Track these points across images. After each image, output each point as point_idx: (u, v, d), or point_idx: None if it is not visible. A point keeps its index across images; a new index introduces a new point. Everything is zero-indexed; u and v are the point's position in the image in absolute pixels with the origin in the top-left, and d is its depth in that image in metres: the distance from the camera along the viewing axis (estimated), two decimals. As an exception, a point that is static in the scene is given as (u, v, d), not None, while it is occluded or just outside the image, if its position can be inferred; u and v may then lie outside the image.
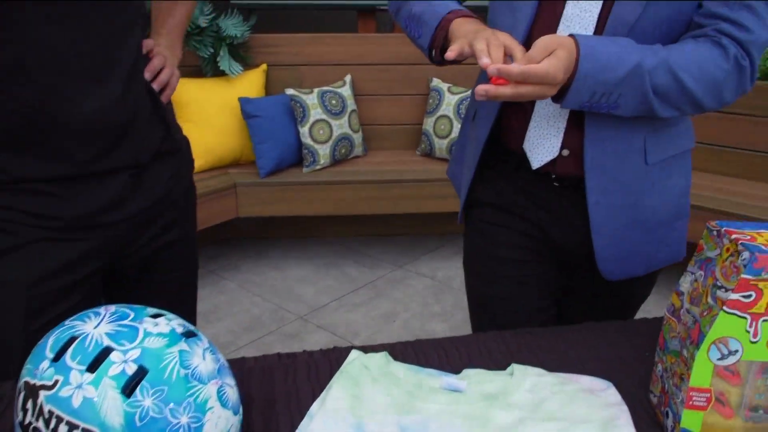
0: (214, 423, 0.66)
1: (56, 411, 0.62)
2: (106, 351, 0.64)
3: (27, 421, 0.63)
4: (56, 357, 0.64)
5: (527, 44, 0.96)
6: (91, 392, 0.62)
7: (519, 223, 1.16)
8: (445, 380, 0.86)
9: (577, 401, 0.83)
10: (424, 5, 1.08)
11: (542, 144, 1.06)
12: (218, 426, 0.67)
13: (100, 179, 1.01)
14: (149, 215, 1.10)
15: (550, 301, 1.22)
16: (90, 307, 1.09)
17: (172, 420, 0.63)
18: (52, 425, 0.62)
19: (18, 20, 0.87)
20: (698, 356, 0.72)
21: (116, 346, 0.65)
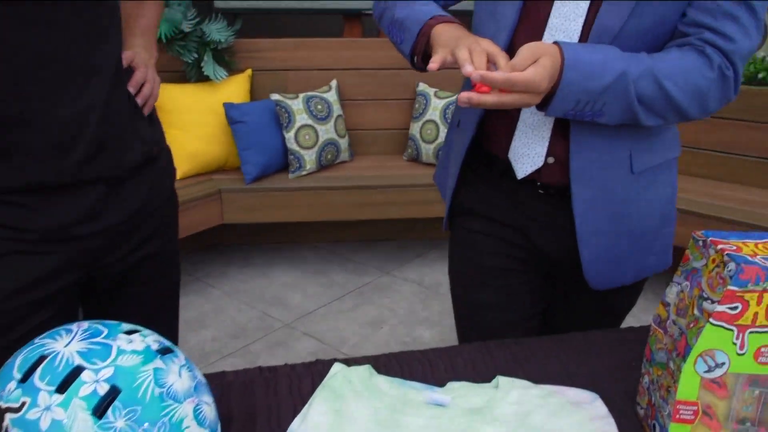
0: (190, 443, 0.64)
1: (23, 435, 0.60)
2: (77, 370, 0.62)
3: (-7, 446, 0.61)
4: (24, 377, 0.62)
5: (510, 52, 0.94)
6: (60, 414, 0.60)
7: (504, 231, 1.14)
8: (429, 394, 0.85)
9: (563, 414, 0.81)
10: (407, 10, 1.06)
11: (527, 153, 1.05)
12: (194, 446, 0.65)
13: (76, 190, 0.98)
14: (127, 227, 1.07)
15: (537, 310, 1.21)
16: (65, 322, 1.07)
17: (146, 441, 0.61)
18: (19, 449, 0.60)
19: None
20: (685, 369, 0.71)
21: (88, 365, 0.63)
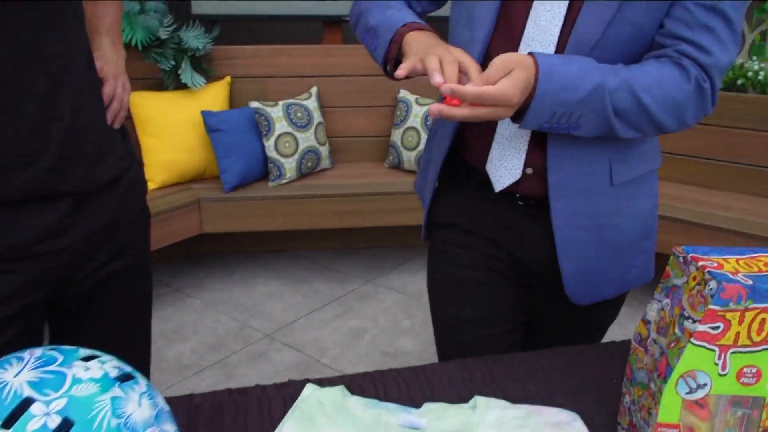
0: (148, 478, 0.61)
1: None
2: (26, 402, 0.59)
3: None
4: (-32, 412, 0.58)
5: (486, 61, 0.92)
6: (6, 452, 0.56)
7: (483, 244, 1.12)
8: (404, 417, 0.82)
9: (542, 436, 0.79)
10: (380, 17, 1.04)
11: (505, 165, 1.02)
12: (153, 481, 0.61)
13: (40, 206, 0.95)
14: (95, 243, 1.03)
15: (519, 323, 1.19)
16: (29, 342, 1.03)
17: (99, 478, 0.58)
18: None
19: None
20: (666, 390, 0.68)
21: (38, 397, 0.59)
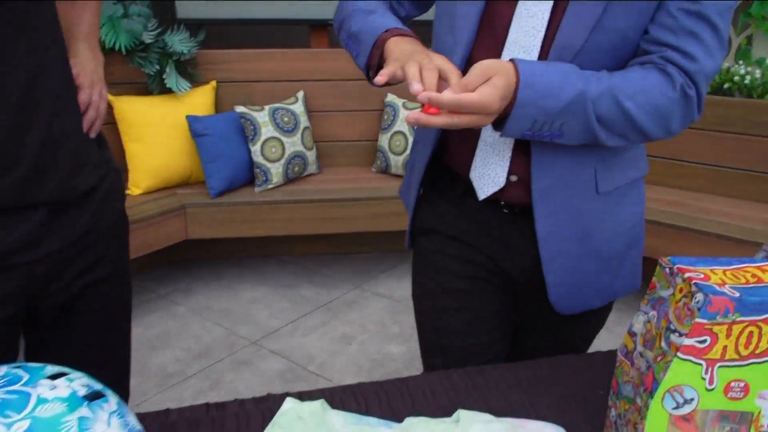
0: (115, 503, 0.58)
1: None
2: (-13, 425, 0.56)
3: None
4: (-75, 436, 0.56)
5: (467, 68, 0.90)
6: (-36, 478, 0.54)
7: (467, 252, 1.10)
8: (385, 431, 0.80)
9: (527, 451, 0.77)
10: (362, 23, 1.02)
11: (488, 173, 1.00)
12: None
13: (15, 216, 0.92)
14: (71, 253, 1.01)
15: (505, 332, 1.17)
16: (4, 355, 1.00)
17: (63, 505, 0.55)
18: None
19: None
20: (652, 406, 0.67)
21: None
